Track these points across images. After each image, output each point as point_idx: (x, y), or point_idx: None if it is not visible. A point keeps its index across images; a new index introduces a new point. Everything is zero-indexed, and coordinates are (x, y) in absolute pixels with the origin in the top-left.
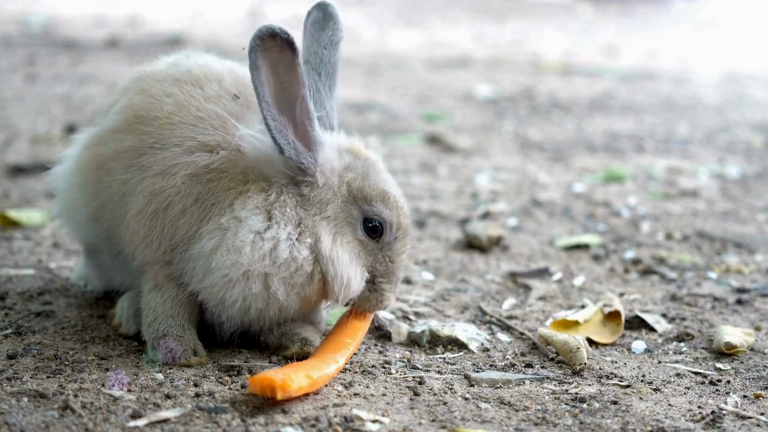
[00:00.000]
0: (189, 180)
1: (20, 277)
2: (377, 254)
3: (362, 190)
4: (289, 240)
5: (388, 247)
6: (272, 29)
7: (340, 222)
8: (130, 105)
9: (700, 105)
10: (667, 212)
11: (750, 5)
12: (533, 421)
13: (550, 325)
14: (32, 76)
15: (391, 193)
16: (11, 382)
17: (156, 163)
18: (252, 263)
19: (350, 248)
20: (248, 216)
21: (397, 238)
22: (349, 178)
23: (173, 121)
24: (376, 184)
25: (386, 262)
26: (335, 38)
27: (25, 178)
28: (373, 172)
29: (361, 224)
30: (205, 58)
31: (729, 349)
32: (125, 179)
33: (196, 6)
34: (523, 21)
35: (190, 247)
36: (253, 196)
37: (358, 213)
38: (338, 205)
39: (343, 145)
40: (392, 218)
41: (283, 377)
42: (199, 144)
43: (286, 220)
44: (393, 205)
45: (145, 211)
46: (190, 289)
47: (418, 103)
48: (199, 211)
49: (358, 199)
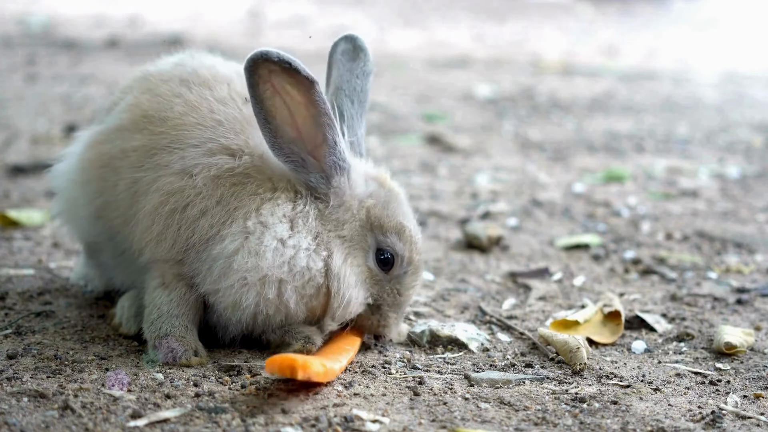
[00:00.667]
0: (211, 182)
1: (20, 277)
2: (384, 285)
3: (380, 219)
4: (308, 250)
5: (397, 280)
6: (264, 54)
7: (354, 245)
8: (137, 104)
9: (700, 105)
10: (667, 212)
11: (750, 5)
12: (533, 421)
13: (550, 325)
14: (32, 76)
15: (407, 227)
16: (11, 382)
17: (173, 162)
18: (271, 268)
19: (358, 272)
20: (275, 223)
21: (407, 273)
22: (369, 204)
23: (187, 122)
24: (395, 216)
25: (394, 295)
26: (367, 69)
27: (25, 178)
28: (394, 203)
29: (374, 253)
30: (211, 60)
31: (729, 349)
32: (136, 178)
33: (196, 6)
34: (523, 21)
35: (209, 248)
36: (282, 204)
37: (372, 241)
38: (355, 228)
39: (370, 173)
40: (404, 252)
41: (303, 358)
42: (221, 147)
43: (308, 230)
44: (407, 239)
45: (160, 209)
46: (203, 290)
47: (418, 103)
48: (221, 213)
49: (374, 227)
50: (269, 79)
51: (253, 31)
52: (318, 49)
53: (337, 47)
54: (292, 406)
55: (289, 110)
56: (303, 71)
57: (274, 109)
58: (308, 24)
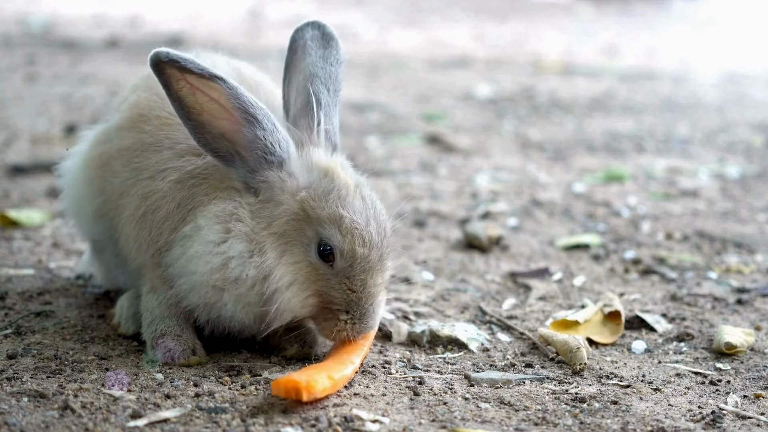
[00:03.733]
0: (175, 185)
1: (20, 277)
2: (331, 280)
3: (315, 210)
4: (241, 258)
5: (345, 275)
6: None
7: (290, 240)
8: (136, 103)
9: (700, 105)
10: (667, 212)
11: (750, 5)
12: (533, 421)
13: (550, 325)
14: (32, 76)
15: (346, 217)
16: (11, 382)
17: (149, 166)
18: (204, 275)
19: (296, 269)
20: (206, 225)
21: (355, 267)
22: (301, 196)
23: (171, 123)
24: (332, 206)
25: (344, 291)
26: (340, 58)
27: (25, 178)
28: (334, 193)
29: (316, 246)
30: (213, 58)
31: (729, 349)
32: (124, 178)
33: (196, 6)
34: (523, 21)
35: (170, 252)
36: (217, 203)
37: (313, 234)
38: (288, 222)
39: (318, 164)
40: (344, 245)
41: (307, 379)
42: (189, 147)
43: (240, 233)
44: (347, 230)
45: (136, 213)
46: (172, 292)
47: (418, 103)
48: (179, 216)
49: (312, 219)
50: (182, 77)
51: (253, 31)
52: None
53: (304, 33)
54: (292, 406)
55: (214, 105)
56: (197, 69)
57: (198, 105)
58: None
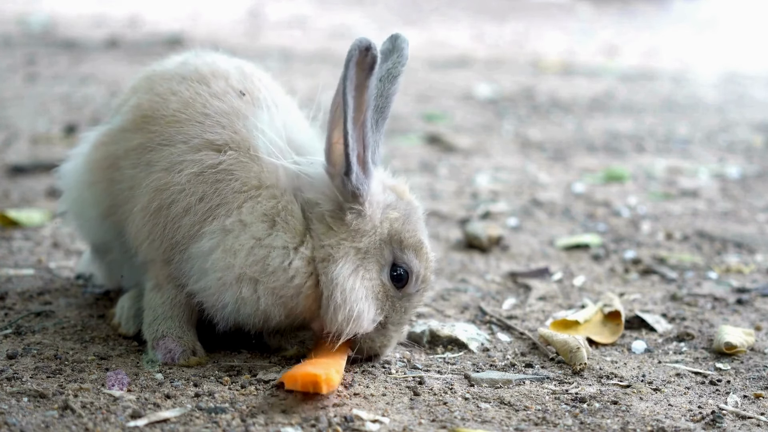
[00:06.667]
0: (195, 178)
1: (20, 277)
2: (395, 302)
3: (400, 234)
4: (285, 248)
5: (407, 298)
6: (369, 43)
7: (369, 257)
8: (138, 105)
9: (700, 105)
10: (667, 212)
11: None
12: (533, 421)
13: (550, 325)
14: (32, 76)
15: (425, 244)
16: (11, 382)
17: (162, 159)
18: (243, 267)
19: (369, 285)
20: (254, 222)
21: (419, 291)
22: (392, 216)
23: (179, 119)
24: (415, 232)
25: (401, 313)
26: (395, 72)
27: (25, 178)
28: (414, 217)
29: (389, 268)
30: (213, 56)
31: (729, 349)
32: (133, 176)
33: (196, 6)
34: (524, 21)
35: (190, 246)
36: (263, 202)
37: (389, 255)
38: (374, 240)
39: (387, 183)
40: (420, 270)
41: (326, 371)
42: (206, 142)
43: (288, 228)
44: (424, 257)
45: (149, 207)
46: (187, 290)
47: (418, 103)
48: (203, 210)
49: (394, 241)
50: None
51: (253, 31)
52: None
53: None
54: (292, 406)
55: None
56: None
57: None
58: (308, 24)
